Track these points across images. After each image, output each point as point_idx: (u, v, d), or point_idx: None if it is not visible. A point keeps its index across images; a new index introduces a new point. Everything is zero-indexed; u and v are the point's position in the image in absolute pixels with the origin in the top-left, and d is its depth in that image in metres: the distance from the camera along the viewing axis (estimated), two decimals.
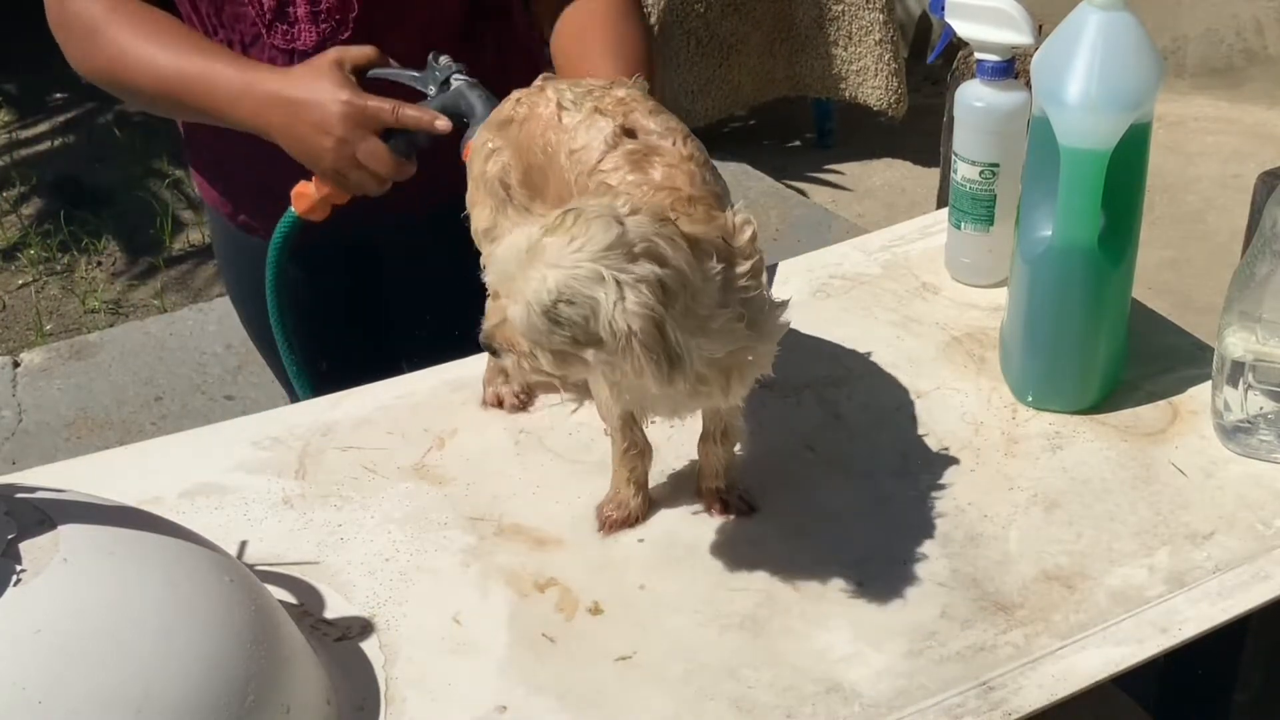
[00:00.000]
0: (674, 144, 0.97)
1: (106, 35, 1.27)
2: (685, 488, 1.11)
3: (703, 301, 0.88)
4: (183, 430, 1.25)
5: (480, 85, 1.19)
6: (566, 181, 1.00)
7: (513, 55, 1.34)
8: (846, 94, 3.50)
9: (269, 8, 1.27)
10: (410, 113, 1.18)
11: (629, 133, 0.98)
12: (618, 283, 0.84)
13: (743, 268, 0.92)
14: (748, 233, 0.93)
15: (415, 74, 1.21)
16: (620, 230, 0.85)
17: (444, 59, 1.20)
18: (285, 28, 1.28)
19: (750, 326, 0.93)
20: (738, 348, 0.93)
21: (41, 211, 3.46)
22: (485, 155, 1.08)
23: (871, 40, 3.40)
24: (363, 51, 1.22)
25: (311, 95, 1.19)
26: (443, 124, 1.17)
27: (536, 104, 1.04)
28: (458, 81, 1.19)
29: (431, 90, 1.20)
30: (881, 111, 3.49)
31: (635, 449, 1.07)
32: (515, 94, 1.08)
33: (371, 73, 1.22)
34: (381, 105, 1.18)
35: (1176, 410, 1.19)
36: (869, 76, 3.44)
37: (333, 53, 1.21)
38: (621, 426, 1.05)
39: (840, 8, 3.40)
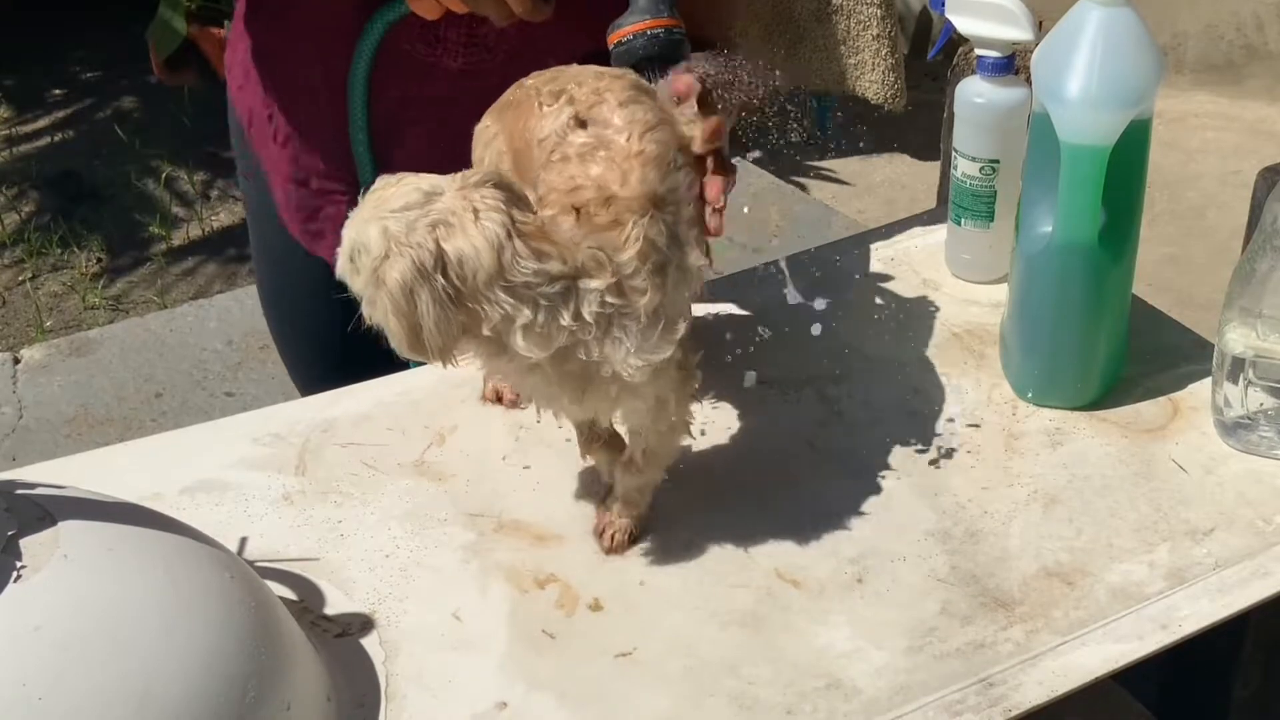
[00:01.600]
0: (627, 139, 0.95)
1: None
2: (684, 484, 1.11)
3: (501, 295, 0.87)
4: (183, 426, 1.25)
5: None
6: (537, 172, 0.98)
7: None
8: (844, 87, 3.50)
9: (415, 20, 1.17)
10: None
11: (582, 124, 0.96)
12: (393, 243, 0.86)
13: (596, 283, 0.89)
14: (629, 251, 0.90)
15: None
16: (419, 199, 0.87)
17: None
18: (428, 46, 1.23)
19: (603, 343, 0.91)
20: (587, 361, 0.92)
21: (41, 208, 3.46)
22: (484, 141, 1.06)
23: (870, 35, 3.40)
24: None
25: None
26: None
27: (531, 87, 1.02)
28: None
29: None
30: (879, 105, 3.49)
31: (598, 440, 1.06)
32: (528, 78, 1.05)
33: None
34: None
35: (1177, 406, 1.19)
36: (866, 70, 3.44)
37: None
38: (578, 422, 1.06)
39: (839, 2, 3.40)
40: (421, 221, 0.86)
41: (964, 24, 1.29)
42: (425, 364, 0.93)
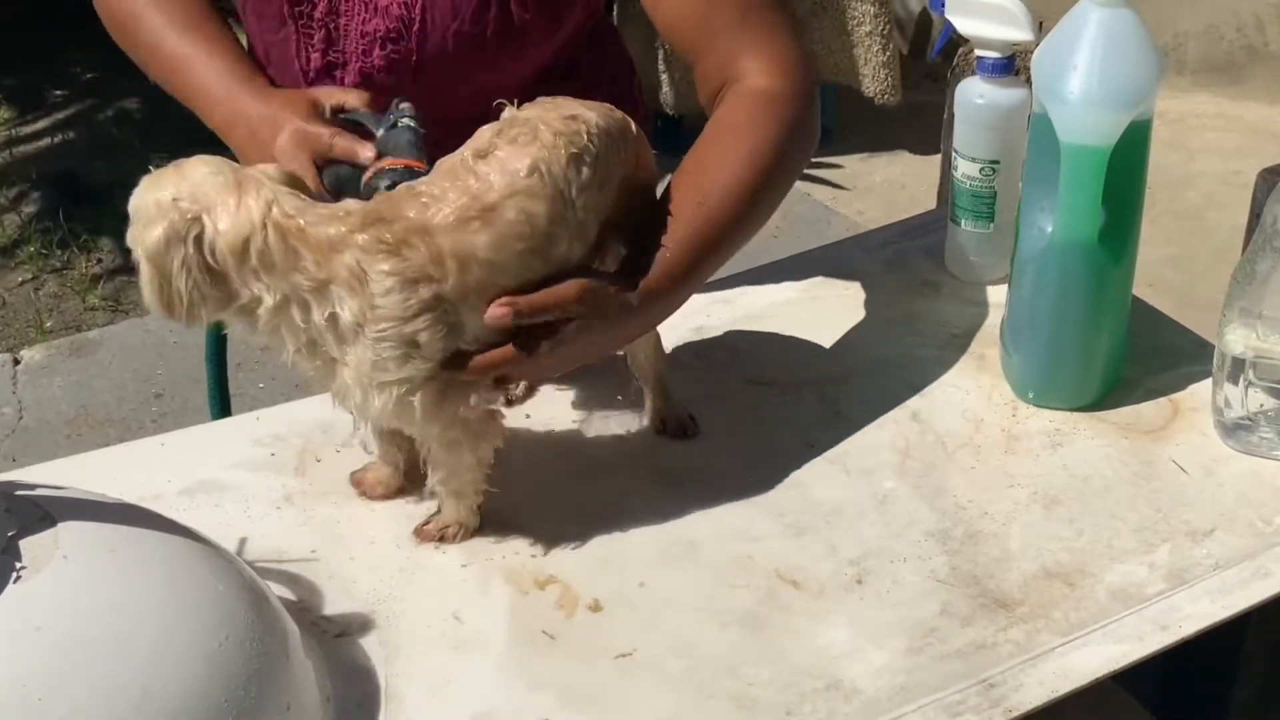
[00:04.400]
0: (488, 188, 0.96)
1: None
2: (683, 485, 1.11)
3: (250, 279, 0.93)
4: (183, 427, 1.25)
5: (418, 129, 1.13)
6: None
7: None
8: (840, 79, 3.52)
9: (314, 66, 1.25)
10: (343, 142, 1.14)
11: (481, 155, 0.98)
12: (159, 211, 0.92)
13: (343, 291, 0.93)
14: (389, 284, 0.93)
15: (378, 116, 1.17)
16: (198, 179, 0.93)
17: (405, 105, 1.15)
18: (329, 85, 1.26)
19: (342, 350, 0.95)
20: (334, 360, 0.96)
21: (41, 208, 3.46)
22: None
23: (863, 31, 3.42)
24: (353, 94, 1.19)
25: (271, 115, 1.17)
26: (366, 154, 1.12)
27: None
28: (403, 123, 1.13)
29: (380, 131, 1.15)
30: (873, 99, 3.51)
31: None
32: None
33: (342, 115, 1.18)
34: (321, 131, 1.14)
35: (1177, 407, 1.19)
36: (860, 65, 3.46)
37: (321, 89, 1.20)
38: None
39: None
40: (187, 195, 0.92)
41: (964, 25, 1.29)
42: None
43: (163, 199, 0.92)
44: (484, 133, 1.00)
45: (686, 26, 1.16)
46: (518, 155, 0.96)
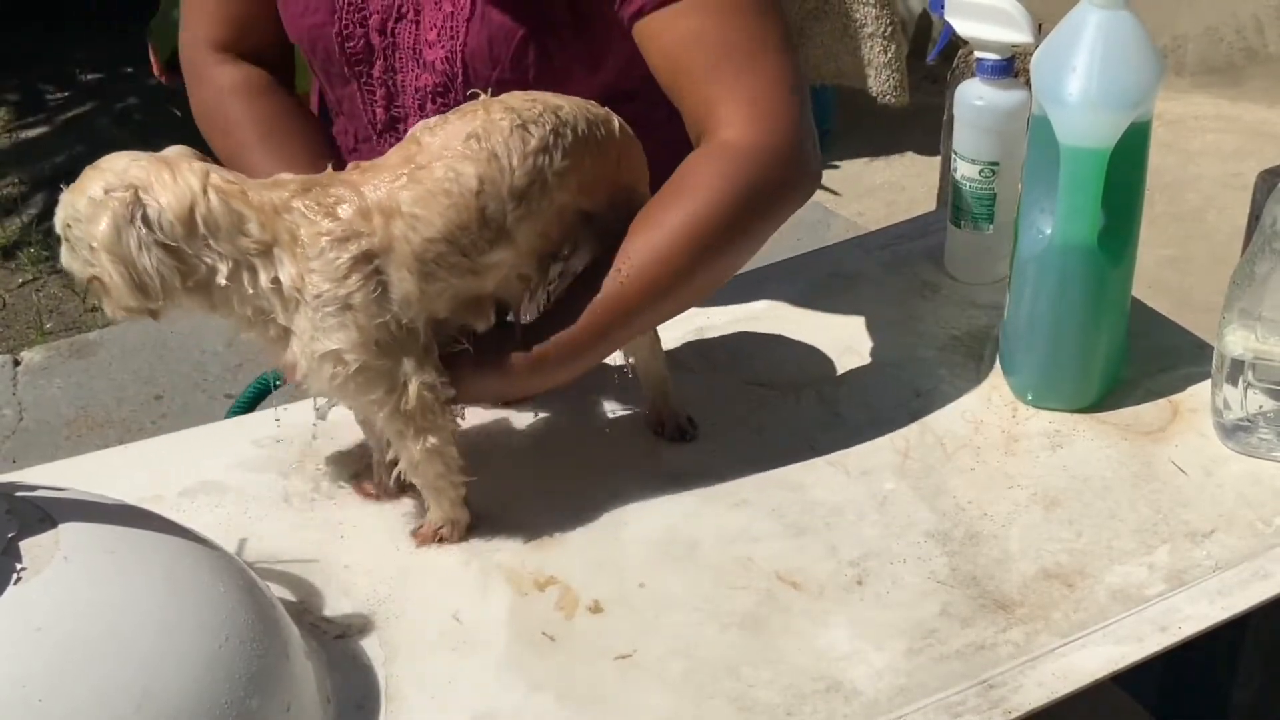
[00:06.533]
0: (424, 154, 0.98)
1: (232, 116, 1.28)
2: (683, 486, 1.11)
3: (202, 249, 0.93)
4: (183, 429, 1.25)
5: None
6: None
7: None
8: (842, 83, 3.52)
9: (380, 120, 1.27)
10: None
11: (428, 128, 1.00)
12: (95, 206, 0.92)
13: (284, 254, 0.94)
14: (322, 244, 0.94)
15: None
16: (121, 167, 0.93)
17: None
18: (394, 139, 1.26)
19: (290, 316, 0.96)
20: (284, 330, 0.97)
21: (42, 209, 3.46)
22: None
23: (865, 33, 3.42)
24: None
25: None
26: None
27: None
28: None
29: None
30: (870, 102, 3.51)
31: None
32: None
33: None
34: None
35: (1176, 408, 1.19)
36: (864, 66, 3.46)
37: None
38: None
39: (836, 2, 3.42)
40: (118, 183, 0.92)
41: (963, 27, 1.29)
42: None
43: (93, 196, 0.93)
44: (447, 114, 1.02)
45: (665, 70, 1.13)
46: (461, 126, 0.98)
